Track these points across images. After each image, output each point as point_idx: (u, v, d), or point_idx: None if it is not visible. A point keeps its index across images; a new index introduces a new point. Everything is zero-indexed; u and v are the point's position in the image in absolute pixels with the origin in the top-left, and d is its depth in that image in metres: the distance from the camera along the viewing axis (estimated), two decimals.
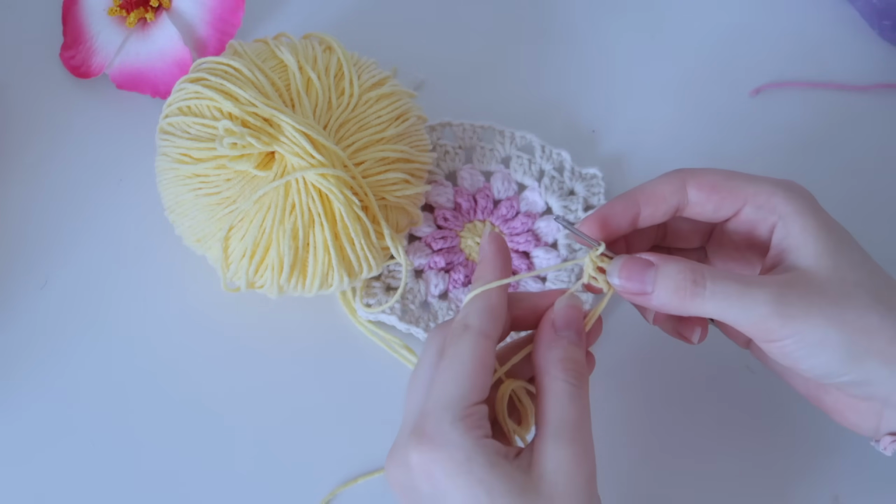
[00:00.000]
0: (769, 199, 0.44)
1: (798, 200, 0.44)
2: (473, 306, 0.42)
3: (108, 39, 0.60)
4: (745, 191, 0.44)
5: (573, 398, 0.41)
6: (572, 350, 0.42)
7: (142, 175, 0.57)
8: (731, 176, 0.44)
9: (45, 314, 0.55)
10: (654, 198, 0.45)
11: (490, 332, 0.42)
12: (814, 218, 0.43)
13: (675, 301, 0.43)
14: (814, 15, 0.66)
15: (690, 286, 0.42)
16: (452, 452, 0.39)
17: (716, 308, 0.42)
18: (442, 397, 0.40)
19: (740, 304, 0.42)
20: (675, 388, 0.54)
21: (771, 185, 0.44)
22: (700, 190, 0.44)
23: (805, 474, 0.53)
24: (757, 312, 0.42)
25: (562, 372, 0.41)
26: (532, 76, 0.63)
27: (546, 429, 0.40)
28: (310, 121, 0.51)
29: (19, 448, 0.52)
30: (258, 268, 0.51)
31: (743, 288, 0.42)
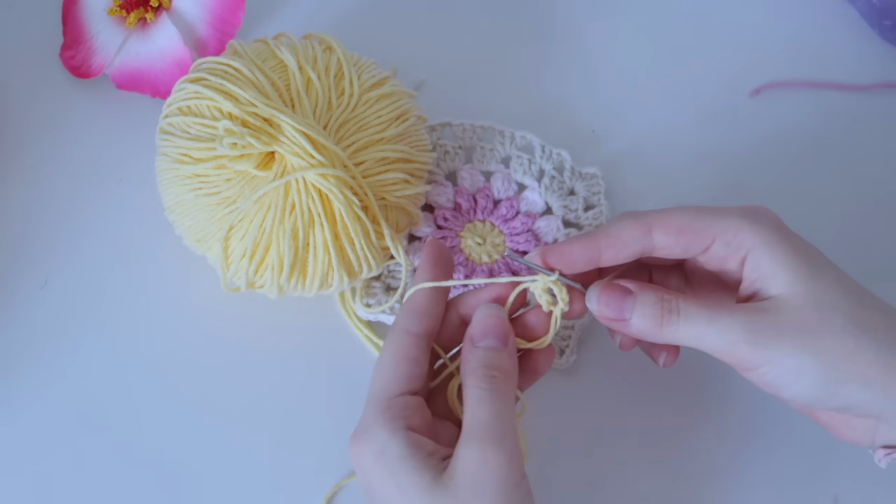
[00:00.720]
0: (736, 235, 0.44)
1: (765, 231, 0.43)
2: (402, 308, 0.46)
3: (108, 39, 0.60)
4: (712, 229, 0.44)
5: (482, 401, 0.42)
6: (490, 356, 0.43)
7: (142, 175, 0.57)
8: (697, 215, 0.44)
9: (45, 314, 0.55)
10: (617, 243, 0.45)
11: (412, 329, 0.44)
12: (782, 247, 0.43)
13: (651, 329, 0.44)
14: (814, 15, 0.66)
15: (666, 315, 0.43)
16: (372, 444, 0.41)
17: (689, 336, 0.43)
18: (370, 392, 0.44)
19: (711, 331, 0.43)
20: (674, 388, 0.54)
21: (737, 218, 0.44)
22: (667, 234, 0.44)
23: (805, 474, 0.53)
24: (728, 339, 0.42)
25: (474, 380, 0.43)
26: (532, 76, 0.63)
27: (462, 433, 0.42)
28: (310, 121, 0.51)
29: (19, 448, 0.52)
30: (258, 268, 0.51)
31: (713, 315, 0.43)
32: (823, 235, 0.59)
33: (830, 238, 0.59)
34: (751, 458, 0.53)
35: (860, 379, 0.42)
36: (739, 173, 0.61)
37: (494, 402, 0.42)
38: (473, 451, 0.40)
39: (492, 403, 0.42)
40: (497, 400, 0.42)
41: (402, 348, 0.44)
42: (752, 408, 0.54)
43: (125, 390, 0.54)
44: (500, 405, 0.42)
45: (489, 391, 0.42)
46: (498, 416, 0.42)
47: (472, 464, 0.40)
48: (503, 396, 0.42)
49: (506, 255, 0.45)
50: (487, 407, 0.42)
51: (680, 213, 0.45)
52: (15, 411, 0.53)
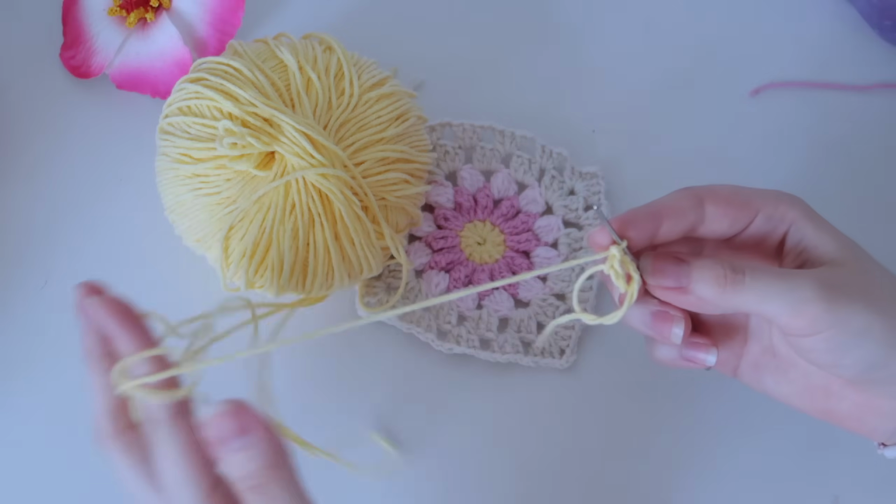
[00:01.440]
0: (777, 207, 0.45)
1: (802, 205, 0.45)
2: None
3: (108, 39, 0.60)
4: (755, 202, 0.45)
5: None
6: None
7: (142, 175, 0.57)
8: (739, 190, 0.45)
9: (45, 314, 0.55)
10: (676, 212, 0.44)
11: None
12: (820, 220, 0.45)
13: (715, 292, 0.42)
14: (814, 15, 0.66)
15: (731, 275, 0.41)
16: None
17: (758, 297, 0.41)
18: None
19: (783, 290, 0.41)
20: (674, 388, 0.54)
21: (775, 194, 0.45)
22: (717, 206, 0.44)
23: (805, 474, 0.53)
24: (801, 298, 0.40)
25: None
26: (532, 76, 0.63)
27: None
28: (310, 121, 0.51)
29: (19, 448, 0.52)
30: (258, 268, 0.51)
31: (784, 275, 0.41)
32: None
33: None
34: (751, 458, 0.53)
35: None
36: (739, 173, 0.61)
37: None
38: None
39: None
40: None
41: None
42: (753, 408, 0.54)
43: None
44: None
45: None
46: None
47: None
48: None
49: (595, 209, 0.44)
50: None
51: (724, 187, 0.45)
52: (15, 411, 0.53)
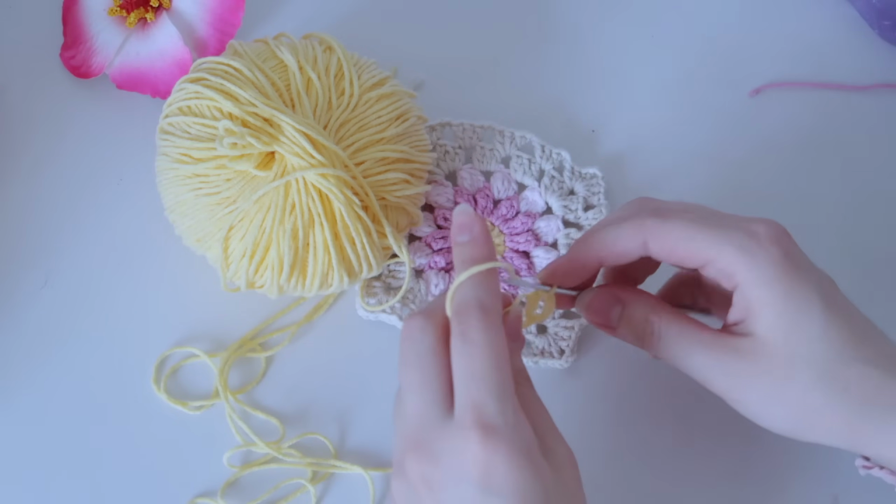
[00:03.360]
0: (728, 266, 0.43)
1: (758, 269, 0.42)
2: (485, 286, 0.39)
3: (108, 39, 0.60)
4: (705, 254, 0.43)
5: (540, 401, 0.42)
6: (519, 360, 0.44)
7: (142, 175, 0.57)
8: (693, 235, 0.43)
9: (45, 314, 0.55)
10: (615, 253, 0.45)
11: (500, 311, 0.40)
12: (772, 288, 0.42)
13: (634, 341, 0.46)
14: (814, 15, 0.66)
15: (647, 336, 0.45)
16: (518, 442, 0.37)
17: (667, 358, 0.45)
18: (493, 385, 0.38)
19: (690, 361, 0.44)
20: (674, 388, 0.54)
21: (733, 248, 0.42)
22: (660, 250, 0.44)
23: (805, 474, 0.53)
24: (705, 374, 0.44)
25: (525, 380, 0.43)
26: (532, 76, 0.63)
27: (539, 429, 0.40)
28: (310, 121, 0.51)
29: (19, 448, 0.52)
30: (258, 268, 0.51)
31: (691, 347, 0.44)
32: (822, 235, 0.59)
33: (829, 238, 0.59)
34: (751, 458, 0.53)
35: (826, 432, 0.43)
36: (739, 173, 0.61)
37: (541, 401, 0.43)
38: (564, 446, 0.41)
39: (542, 402, 0.43)
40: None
41: (504, 338, 0.39)
42: None
43: (125, 390, 0.54)
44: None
45: (535, 391, 0.43)
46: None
47: (568, 457, 0.41)
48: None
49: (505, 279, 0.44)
50: (544, 406, 0.43)
51: (676, 231, 0.43)
52: (15, 411, 0.53)
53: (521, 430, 0.38)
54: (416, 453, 0.38)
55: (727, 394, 0.44)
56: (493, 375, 0.38)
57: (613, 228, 0.45)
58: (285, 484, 0.52)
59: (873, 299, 0.48)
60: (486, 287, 0.40)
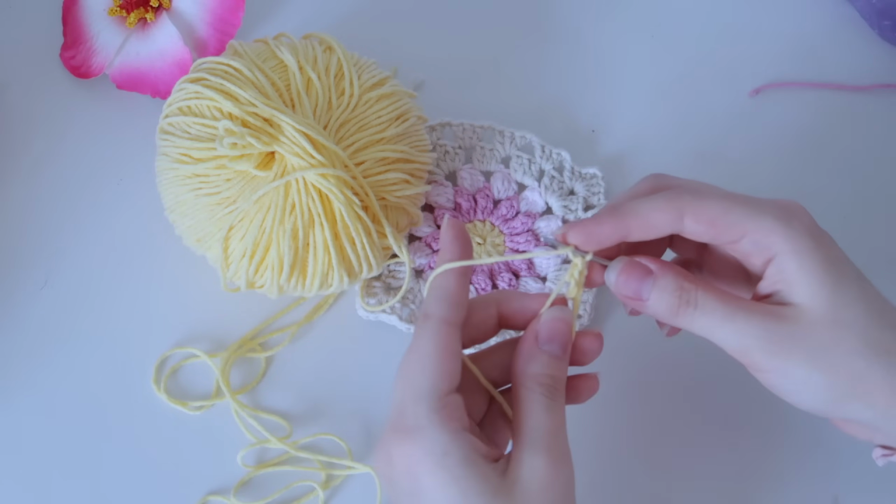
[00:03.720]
0: (767, 236, 0.43)
1: (797, 237, 0.42)
2: (433, 294, 0.42)
3: (108, 39, 0.60)
4: (743, 226, 0.43)
5: (549, 410, 0.41)
6: (553, 365, 0.42)
7: (142, 175, 0.57)
8: (730, 208, 0.43)
9: (45, 314, 0.55)
10: (647, 226, 0.44)
11: (451, 319, 0.41)
12: (811, 256, 0.42)
13: (666, 314, 0.43)
14: (814, 15, 0.66)
15: (683, 305, 0.43)
16: (430, 446, 0.39)
17: (703, 329, 0.43)
18: (413, 388, 0.40)
19: (726, 330, 0.42)
20: (673, 387, 0.54)
21: (771, 219, 0.43)
22: (698, 223, 0.43)
23: (805, 474, 0.53)
24: (741, 341, 0.42)
25: (538, 386, 0.41)
26: (532, 76, 0.63)
27: (522, 438, 0.40)
28: (310, 121, 0.51)
29: (19, 448, 0.52)
30: (258, 268, 0.51)
31: (730, 314, 0.42)
32: None
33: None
34: (751, 457, 0.53)
35: (864, 399, 0.42)
36: (739, 173, 0.61)
37: (558, 412, 0.41)
38: (542, 461, 0.39)
39: (557, 412, 0.41)
40: (560, 410, 0.41)
41: (445, 341, 0.41)
42: (753, 408, 0.54)
43: (125, 390, 0.54)
44: (562, 416, 0.41)
45: (553, 400, 0.41)
46: (561, 427, 0.41)
47: (540, 474, 0.39)
48: (563, 407, 0.42)
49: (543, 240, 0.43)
50: (553, 417, 0.41)
51: (713, 203, 0.43)
52: (15, 411, 0.53)
53: (436, 433, 0.39)
54: (375, 457, 0.41)
55: (764, 363, 0.43)
56: (414, 379, 0.40)
57: (647, 201, 0.44)
58: (297, 483, 0.52)
59: None
60: (434, 296, 0.42)
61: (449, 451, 0.38)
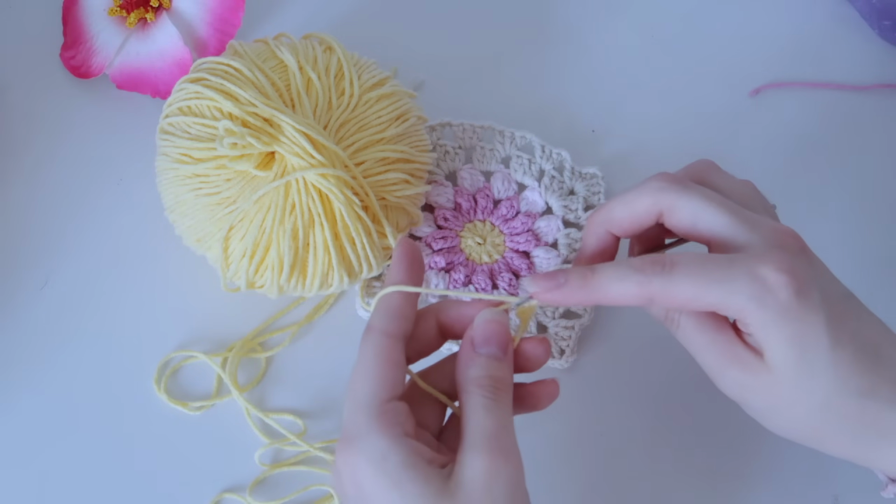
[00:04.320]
0: (740, 313, 0.42)
1: (768, 313, 0.42)
2: (376, 309, 0.44)
3: (108, 39, 0.60)
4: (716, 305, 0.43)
5: (489, 410, 0.41)
6: (491, 366, 0.42)
7: (142, 175, 0.57)
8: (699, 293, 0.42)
9: (45, 314, 0.55)
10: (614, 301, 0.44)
11: (391, 331, 0.43)
12: (780, 331, 0.42)
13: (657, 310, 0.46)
14: (814, 15, 0.66)
15: (669, 322, 0.45)
16: (369, 452, 0.39)
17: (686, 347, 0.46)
18: (355, 397, 0.41)
19: (701, 359, 0.45)
20: (674, 388, 0.54)
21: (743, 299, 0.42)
22: (667, 305, 0.44)
23: (805, 474, 0.53)
24: (713, 375, 0.45)
25: (478, 387, 0.42)
26: (532, 76, 0.63)
27: (464, 440, 0.40)
28: (310, 121, 0.51)
29: (19, 448, 0.52)
30: (258, 268, 0.51)
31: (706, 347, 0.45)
32: (823, 235, 0.59)
33: (830, 238, 0.59)
34: (751, 458, 0.53)
35: (825, 450, 0.45)
36: (739, 173, 0.60)
37: (500, 411, 0.41)
38: (482, 460, 0.39)
39: (498, 412, 0.41)
40: (502, 409, 0.41)
41: (385, 351, 0.42)
42: None
43: (125, 390, 0.54)
44: (505, 415, 0.41)
45: (494, 400, 0.41)
46: (504, 426, 0.41)
47: (481, 473, 0.39)
48: (506, 406, 0.42)
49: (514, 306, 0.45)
50: (494, 416, 0.41)
51: (684, 284, 0.42)
52: (14, 411, 0.53)
53: (374, 440, 0.39)
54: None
55: (733, 397, 0.45)
56: (357, 388, 0.41)
57: (617, 280, 0.43)
58: (313, 487, 0.52)
59: (873, 299, 0.48)
60: (379, 308, 0.44)
61: (388, 456, 0.39)
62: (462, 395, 0.42)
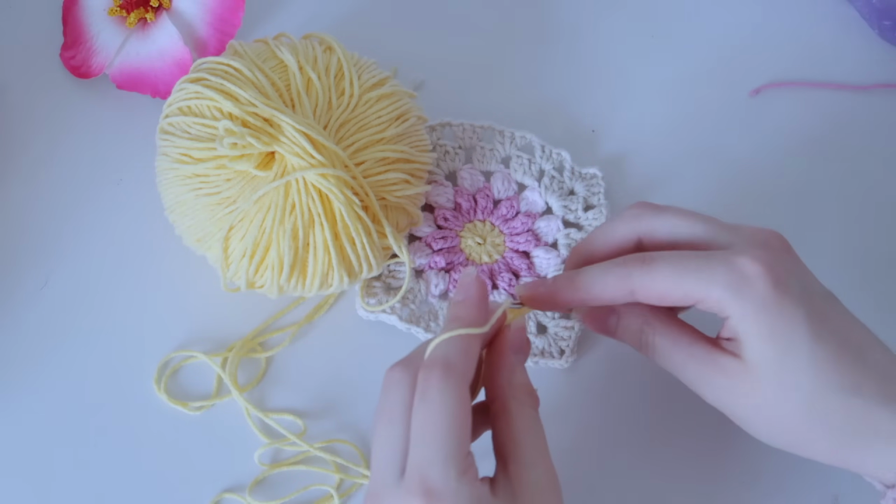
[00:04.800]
0: (717, 305, 0.43)
1: (747, 307, 0.42)
2: (455, 346, 0.40)
3: (108, 39, 0.60)
4: (694, 295, 0.43)
5: (538, 422, 0.42)
6: (526, 376, 0.43)
7: (142, 175, 0.57)
8: (678, 281, 0.43)
9: (44, 314, 0.55)
10: (598, 300, 0.45)
11: (470, 378, 0.41)
12: (759, 323, 0.42)
13: (634, 347, 0.47)
14: (814, 15, 0.66)
15: (644, 346, 0.46)
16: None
17: (664, 367, 0.46)
18: (440, 447, 0.38)
19: (681, 374, 0.46)
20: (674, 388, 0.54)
21: (720, 289, 0.42)
22: (648, 296, 0.44)
23: (805, 474, 0.53)
24: (695, 386, 0.46)
25: (527, 397, 0.42)
26: (532, 76, 0.63)
27: (523, 454, 0.40)
28: (310, 121, 0.51)
29: (19, 448, 0.52)
30: (258, 268, 0.51)
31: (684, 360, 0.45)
32: (823, 235, 0.59)
33: (829, 238, 0.59)
34: (751, 458, 0.53)
35: (814, 454, 0.44)
36: (739, 173, 0.61)
37: (540, 421, 0.42)
38: (544, 478, 0.40)
39: (541, 424, 0.42)
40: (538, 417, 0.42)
41: (467, 399, 0.40)
42: None
43: (124, 390, 0.54)
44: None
45: (536, 410, 0.42)
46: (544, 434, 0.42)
47: (545, 490, 0.40)
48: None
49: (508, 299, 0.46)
50: (541, 428, 0.42)
51: (662, 278, 0.43)
52: (15, 411, 0.53)
53: (467, 495, 0.38)
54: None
55: (717, 406, 0.46)
56: (441, 437, 0.38)
57: (599, 277, 0.45)
58: (313, 486, 0.52)
59: (872, 300, 0.48)
60: (458, 347, 0.40)
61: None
62: (508, 402, 0.42)
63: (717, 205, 0.59)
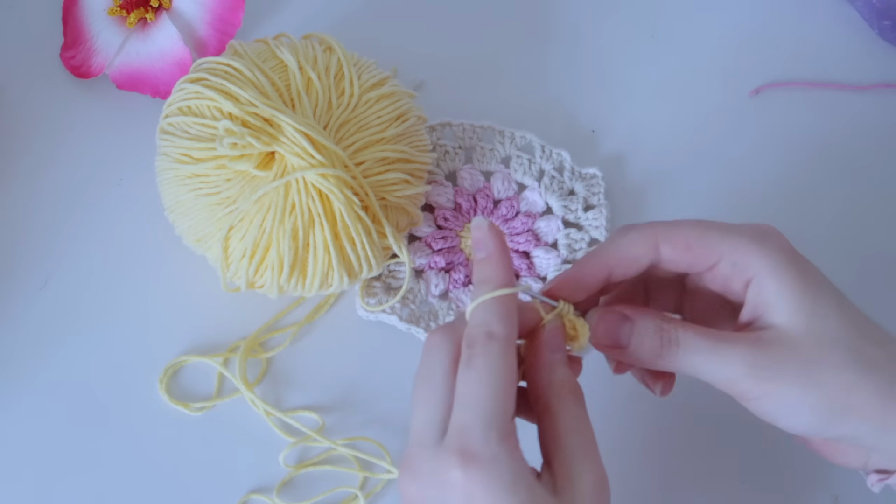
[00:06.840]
0: (744, 257, 0.43)
1: (773, 256, 0.42)
2: (494, 311, 0.40)
3: (108, 39, 0.60)
4: (719, 248, 0.43)
5: (584, 419, 0.41)
6: (569, 371, 0.42)
7: (142, 175, 0.57)
8: (705, 231, 0.43)
9: (44, 314, 0.55)
10: (626, 260, 0.44)
11: (514, 339, 0.40)
12: (788, 274, 0.42)
13: (650, 357, 0.43)
14: (814, 15, 0.66)
15: (665, 345, 0.43)
16: (501, 473, 0.38)
17: (689, 366, 0.42)
18: (483, 412, 0.38)
19: (712, 363, 0.42)
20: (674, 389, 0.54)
21: (746, 239, 0.43)
22: (674, 249, 0.43)
23: (805, 474, 0.53)
24: (729, 373, 0.42)
25: (570, 394, 0.41)
26: (532, 76, 0.63)
27: (566, 452, 0.40)
28: (310, 121, 0.51)
29: (18, 448, 0.52)
30: (258, 268, 0.51)
31: (713, 347, 0.42)
32: (823, 236, 0.59)
33: (830, 238, 0.59)
34: (751, 458, 0.53)
35: (858, 413, 0.42)
36: (739, 173, 0.61)
37: (588, 419, 0.41)
38: (591, 475, 0.40)
39: (588, 421, 0.41)
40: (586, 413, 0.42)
41: (512, 364, 0.39)
42: None
43: (125, 390, 0.54)
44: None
45: (583, 408, 0.41)
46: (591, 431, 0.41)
47: (592, 487, 0.40)
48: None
49: (531, 297, 0.44)
50: (589, 425, 0.41)
51: (688, 228, 0.43)
52: (15, 411, 0.53)
53: (506, 461, 0.38)
54: (408, 471, 0.39)
55: (754, 390, 0.42)
56: (485, 402, 0.38)
57: (622, 236, 0.44)
58: (338, 489, 0.52)
59: (872, 299, 0.48)
60: (497, 312, 0.40)
61: (518, 479, 0.38)
62: (551, 400, 0.41)
63: (717, 205, 0.59)
